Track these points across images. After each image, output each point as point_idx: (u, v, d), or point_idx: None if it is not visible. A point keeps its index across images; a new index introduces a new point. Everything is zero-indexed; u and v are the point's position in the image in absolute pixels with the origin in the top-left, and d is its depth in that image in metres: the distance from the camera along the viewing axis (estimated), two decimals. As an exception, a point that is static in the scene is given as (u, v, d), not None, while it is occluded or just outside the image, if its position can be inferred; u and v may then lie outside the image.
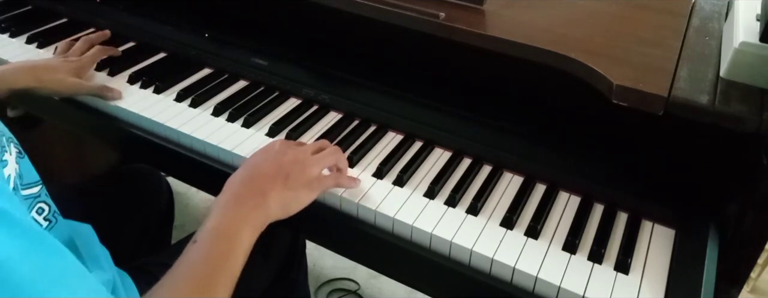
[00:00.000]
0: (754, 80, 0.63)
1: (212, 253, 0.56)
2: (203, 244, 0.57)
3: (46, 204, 0.56)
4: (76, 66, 0.86)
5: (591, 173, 0.73)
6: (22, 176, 0.53)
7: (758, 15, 0.66)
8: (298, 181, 0.64)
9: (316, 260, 1.50)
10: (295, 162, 0.66)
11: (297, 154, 0.67)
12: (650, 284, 0.62)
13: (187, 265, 0.55)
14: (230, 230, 0.58)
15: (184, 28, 1.00)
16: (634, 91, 0.62)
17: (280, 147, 0.68)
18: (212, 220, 0.59)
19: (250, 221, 0.60)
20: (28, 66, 0.83)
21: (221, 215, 0.60)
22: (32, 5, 1.12)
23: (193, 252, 0.56)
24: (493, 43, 0.72)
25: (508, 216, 0.69)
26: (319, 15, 0.90)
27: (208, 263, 0.55)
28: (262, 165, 0.65)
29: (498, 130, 0.78)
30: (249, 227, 0.59)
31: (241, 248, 0.58)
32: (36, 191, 0.55)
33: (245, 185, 0.63)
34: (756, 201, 0.62)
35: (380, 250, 0.71)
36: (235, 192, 0.62)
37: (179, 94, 0.88)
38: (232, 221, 0.59)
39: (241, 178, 0.64)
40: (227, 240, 0.57)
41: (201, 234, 0.58)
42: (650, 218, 0.70)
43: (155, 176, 1.02)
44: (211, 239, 0.57)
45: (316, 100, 0.87)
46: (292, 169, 0.65)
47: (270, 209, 0.62)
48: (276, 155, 0.66)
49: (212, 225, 0.58)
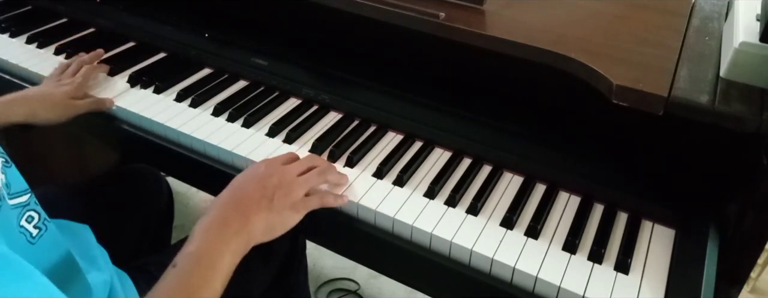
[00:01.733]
0: (754, 80, 0.63)
1: (191, 279, 0.56)
2: (183, 269, 0.56)
3: (36, 212, 0.55)
4: (69, 89, 0.84)
5: (591, 173, 0.73)
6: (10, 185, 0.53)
7: (758, 15, 0.66)
8: (282, 203, 0.64)
9: (316, 260, 1.49)
10: (280, 185, 0.65)
11: (282, 176, 0.67)
12: (650, 284, 0.62)
13: (165, 289, 0.55)
14: (211, 255, 0.58)
15: (184, 28, 1.00)
16: (634, 91, 0.62)
17: (265, 169, 0.67)
18: (194, 244, 0.58)
19: (232, 246, 0.59)
20: (21, 98, 0.81)
21: (203, 240, 0.59)
22: (32, 5, 1.12)
23: (172, 277, 0.56)
24: (493, 43, 0.72)
25: (508, 216, 0.69)
26: (319, 15, 0.90)
27: (186, 288, 0.55)
28: (247, 188, 0.65)
29: (498, 130, 0.78)
30: (230, 252, 0.59)
31: (221, 274, 0.57)
32: (25, 200, 0.54)
33: (230, 208, 0.63)
34: (756, 201, 0.62)
35: (380, 250, 0.71)
36: (219, 215, 0.62)
37: (179, 94, 0.88)
38: (213, 246, 0.59)
39: (226, 200, 0.64)
40: (207, 266, 0.57)
41: (181, 258, 0.57)
42: (650, 218, 0.70)
43: (155, 176, 1.02)
44: (192, 265, 0.57)
45: (316, 100, 0.87)
46: (276, 192, 0.64)
47: (253, 233, 0.62)
48: (261, 178, 0.66)
49: (193, 249, 0.58)
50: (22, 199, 0.54)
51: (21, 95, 0.82)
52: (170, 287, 0.55)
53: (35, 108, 0.80)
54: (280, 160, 0.71)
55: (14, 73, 0.96)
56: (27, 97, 0.81)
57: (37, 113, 0.79)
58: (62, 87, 0.84)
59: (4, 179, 0.51)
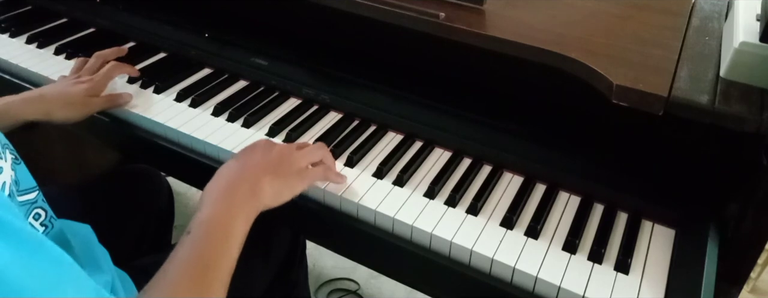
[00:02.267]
0: (754, 80, 0.63)
1: (207, 245, 0.56)
2: (197, 236, 0.56)
3: (43, 209, 0.56)
4: (89, 87, 0.81)
5: (591, 173, 0.73)
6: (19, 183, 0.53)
7: (758, 15, 0.66)
8: (288, 170, 0.66)
9: (316, 260, 1.50)
10: (281, 154, 0.67)
11: (284, 148, 0.68)
12: (650, 284, 0.62)
13: (182, 258, 0.55)
14: (224, 220, 0.58)
15: (184, 28, 1.00)
16: (634, 91, 0.62)
17: (265, 144, 0.69)
18: (205, 211, 0.59)
19: (244, 209, 0.60)
20: (37, 96, 0.79)
21: (214, 206, 0.59)
22: (32, 5, 1.12)
23: (187, 245, 0.56)
24: (493, 43, 0.72)
25: (508, 216, 0.69)
26: (319, 15, 0.90)
27: (203, 256, 0.55)
28: (253, 156, 0.66)
29: (498, 130, 0.78)
30: (242, 217, 0.59)
31: (236, 238, 0.58)
32: (33, 197, 0.54)
33: (237, 174, 0.63)
34: (756, 201, 0.62)
35: (380, 250, 0.71)
36: (228, 181, 0.63)
37: (179, 94, 0.88)
38: (225, 212, 0.59)
39: (232, 168, 0.65)
40: (222, 231, 0.57)
41: (194, 225, 0.57)
42: (650, 218, 0.70)
43: (155, 176, 1.02)
44: (205, 231, 0.57)
45: (316, 100, 0.87)
46: (281, 160, 0.66)
47: (263, 196, 0.62)
48: (263, 150, 0.67)
49: (206, 216, 0.58)
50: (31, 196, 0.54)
51: (37, 93, 0.80)
52: (187, 254, 0.55)
53: (51, 107, 0.78)
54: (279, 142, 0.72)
55: (14, 73, 0.96)
56: (43, 96, 0.79)
57: (53, 112, 0.77)
58: (80, 85, 0.81)
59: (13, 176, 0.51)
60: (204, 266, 0.54)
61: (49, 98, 0.78)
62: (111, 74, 0.85)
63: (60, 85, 0.83)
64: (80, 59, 0.90)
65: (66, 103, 0.79)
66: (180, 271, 0.54)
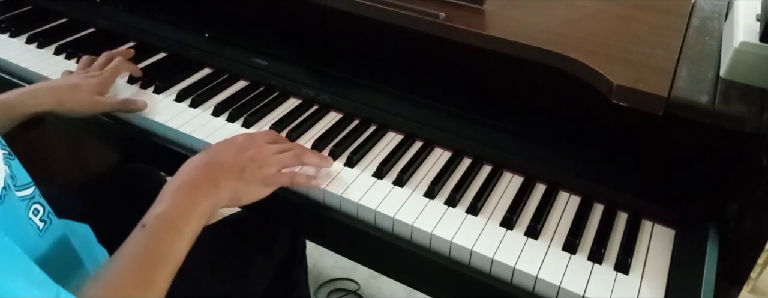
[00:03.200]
0: (754, 80, 0.63)
1: (159, 240, 0.57)
2: (151, 231, 0.57)
3: (41, 205, 0.56)
4: (98, 81, 0.83)
5: (591, 173, 0.73)
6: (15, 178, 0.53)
7: (758, 15, 0.66)
8: (253, 176, 0.66)
9: (316, 260, 1.50)
10: (254, 159, 0.67)
11: (259, 151, 0.68)
12: (650, 284, 0.62)
13: (132, 250, 0.55)
14: (179, 217, 0.59)
15: (184, 28, 1.00)
16: (634, 91, 0.62)
17: (243, 141, 0.69)
18: (162, 205, 0.60)
19: (200, 208, 0.61)
20: (48, 87, 0.80)
21: (172, 202, 0.60)
22: (32, 5, 1.12)
23: (140, 238, 0.57)
24: (493, 43, 0.72)
25: (508, 216, 0.69)
26: (319, 15, 0.90)
27: (152, 251, 0.56)
28: (221, 155, 0.67)
29: (498, 130, 0.78)
30: (198, 215, 0.60)
31: (188, 236, 0.58)
32: (30, 193, 0.55)
33: (201, 172, 0.64)
34: (756, 201, 0.62)
35: (380, 250, 0.71)
36: (189, 178, 0.63)
37: (179, 94, 0.88)
38: (182, 209, 0.60)
39: (198, 164, 0.65)
40: (175, 228, 0.58)
41: (150, 220, 0.58)
42: (650, 218, 0.70)
43: (155, 175, 1.02)
44: (159, 226, 0.58)
45: (316, 100, 0.87)
46: (249, 164, 0.66)
47: (220, 198, 0.63)
48: (238, 148, 0.68)
49: (162, 211, 0.59)
50: (28, 191, 0.54)
51: (46, 85, 0.82)
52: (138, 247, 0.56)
53: (62, 97, 0.79)
54: (261, 136, 0.72)
55: (14, 73, 0.96)
56: (52, 87, 0.80)
57: (63, 103, 0.78)
58: (90, 79, 0.83)
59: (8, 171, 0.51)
60: (153, 259, 0.55)
61: (59, 89, 0.80)
62: (118, 71, 0.87)
63: (68, 78, 0.85)
64: (87, 57, 0.91)
65: (76, 95, 0.80)
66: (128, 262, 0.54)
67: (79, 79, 0.83)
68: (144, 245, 0.56)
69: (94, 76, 0.84)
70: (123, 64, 0.88)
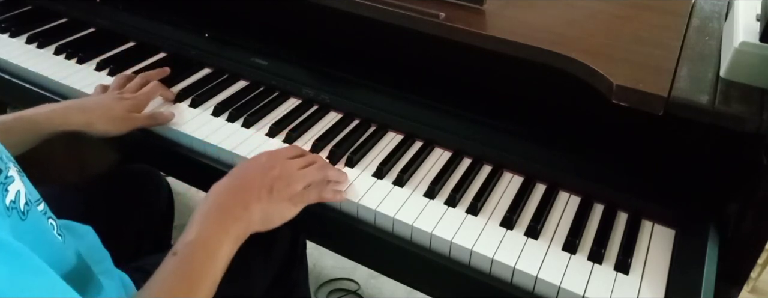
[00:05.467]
0: (754, 80, 0.63)
1: (192, 267, 0.56)
2: (183, 257, 0.57)
3: (53, 220, 0.56)
4: (132, 104, 0.81)
5: (591, 173, 0.73)
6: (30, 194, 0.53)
7: (758, 15, 0.66)
8: (281, 195, 0.65)
9: (316, 260, 1.49)
10: (280, 177, 0.66)
11: (283, 168, 0.67)
12: (650, 284, 0.62)
13: (165, 279, 0.55)
14: (211, 242, 0.58)
15: (184, 28, 1.00)
16: (634, 91, 0.62)
17: (267, 160, 0.68)
18: (193, 231, 0.59)
19: (232, 233, 0.60)
20: (79, 107, 0.78)
21: (203, 227, 0.60)
22: (32, 5, 1.12)
23: (172, 265, 0.56)
24: (493, 43, 0.72)
25: (508, 216, 0.69)
26: (319, 15, 0.90)
27: (186, 278, 0.55)
28: (248, 177, 0.66)
29: (498, 130, 0.78)
30: (230, 240, 0.59)
31: (221, 261, 0.58)
32: (43, 208, 0.55)
33: (230, 195, 0.63)
34: (756, 201, 0.62)
35: (380, 250, 0.71)
36: (219, 202, 0.63)
37: (179, 95, 0.88)
38: (213, 234, 0.59)
39: (226, 188, 0.64)
40: (208, 254, 0.57)
41: (181, 246, 0.58)
42: (650, 218, 0.70)
43: (155, 176, 1.02)
44: (192, 253, 0.57)
45: (316, 100, 0.87)
46: (276, 183, 0.65)
47: (252, 221, 0.62)
48: (263, 169, 0.67)
49: (193, 237, 0.58)
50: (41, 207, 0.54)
51: (78, 104, 0.79)
52: (171, 275, 0.56)
53: (94, 119, 0.76)
54: (283, 153, 0.71)
55: (14, 73, 0.96)
56: (85, 107, 0.78)
57: (94, 124, 0.76)
58: (123, 101, 0.80)
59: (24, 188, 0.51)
60: (187, 284, 0.55)
61: (91, 110, 0.77)
62: (152, 94, 0.85)
63: (101, 98, 0.82)
64: (122, 76, 0.89)
65: (108, 117, 0.78)
66: (161, 288, 0.54)
67: (112, 102, 0.80)
68: (177, 271, 0.56)
69: (128, 99, 0.81)
70: (158, 88, 0.86)
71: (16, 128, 0.71)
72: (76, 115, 0.76)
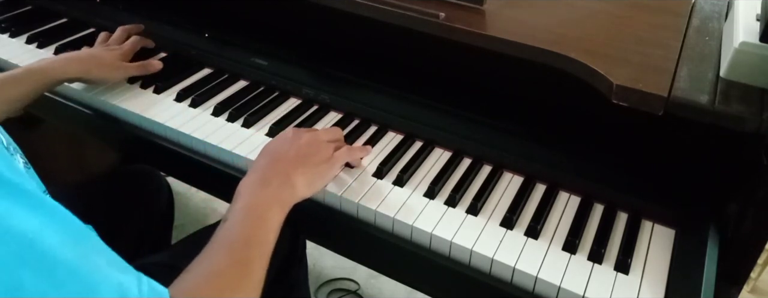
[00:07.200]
0: (754, 80, 0.63)
1: (244, 229, 0.58)
2: (235, 222, 0.59)
3: None
4: (120, 53, 0.89)
5: (591, 173, 0.73)
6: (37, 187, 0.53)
7: (758, 15, 0.66)
8: (316, 159, 0.69)
9: (316, 260, 1.49)
10: (309, 143, 0.70)
11: (310, 137, 0.71)
12: (650, 284, 0.62)
13: (219, 241, 0.57)
14: (259, 208, 0.61)
15: (184, 28, 1.00)
16: (634, 91, 0.62)
17: (293, 134, 0.72)
18: (241, 200, 0.62)
19: (278, 199, 0.63)
20: (75, 57, 0.86)
21: (249, 195, 0.62)
22: (32, 5, 1.12)
23: (225, 230, 0.58)
24: (493, 43, 0.72)
25: (508, 216, 0.69)
26: (319, 15, 0.90)
27: (240, 236, 0.57)
28: (281, 149, 0.69)
29: (498, 130, 0.78)
30: (277, 205, 0.62)
31: (271, 225, 0.60)
32: None
33: (268, 168, 0.66)
34: (756, 201, 0.62)
35: (380, 250, 0.71)
36: (260, 175, 0.65)
37: (179, 94, 0.88)
38: (260, 201, 0.62)
39: (263, 163, 0.68)
40: (257, 218, 0.60)
41: (231, 213, 0.60)
42: (650, 218, 0.70)
43: (155, 176, 1.02)
44: (242, 217, 0.60)
45: (316, 100, 0.87)
46: (309, 149, 0.69)
47: (296, 187, 0.65)
48: (290, 141, 0.70)
49: (241, 205, 0.61)
50: None
51: (73, 55, 0.87)
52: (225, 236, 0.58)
53: (89, 67, 0.84)
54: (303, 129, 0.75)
55: (14, 73, 0.96)
56: (80, 58, 0.86)
57: (91, 71, 0.84)
58: (112, 51, 0.89)
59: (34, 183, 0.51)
60: (244, 246, 0.57)
61: (85, 60, 0.85)
62: (136, 46, 0.93)
63: (91, 50, 0.91)
64: (104, 33, 0.96)
65: (101, 65, 0.85)
66: (222, 251, 0.56)
67: (102, 52, 0.88)
68: (231, 233, 0.58)
69: (115, 49, 0.90)
70: (139, 41, 0.94)
71: (26, 79, 0.79)
72: (74, 65, 0.84)
